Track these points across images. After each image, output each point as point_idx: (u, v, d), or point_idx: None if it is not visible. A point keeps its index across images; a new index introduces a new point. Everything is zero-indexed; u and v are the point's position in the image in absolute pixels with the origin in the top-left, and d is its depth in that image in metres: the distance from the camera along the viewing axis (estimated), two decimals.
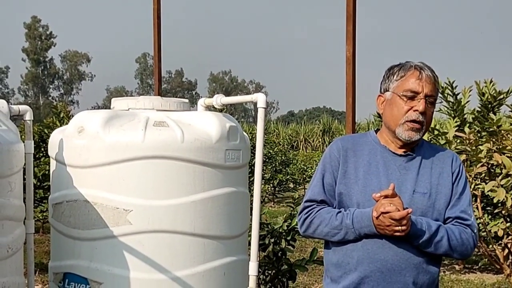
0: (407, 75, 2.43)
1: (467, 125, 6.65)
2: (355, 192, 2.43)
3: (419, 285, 2.39)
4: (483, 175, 6.06)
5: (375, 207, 2.29)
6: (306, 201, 2.52)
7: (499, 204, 5.94)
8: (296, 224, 3.00)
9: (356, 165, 2.47)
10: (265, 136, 3.29)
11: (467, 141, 5.73)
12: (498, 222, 6.28)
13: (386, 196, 2.28)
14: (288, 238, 4.85)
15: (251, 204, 3.26)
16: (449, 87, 6.95)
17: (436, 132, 6.26)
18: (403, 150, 2.49)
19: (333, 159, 2.50)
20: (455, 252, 2.41)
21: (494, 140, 5.62)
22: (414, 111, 2.39)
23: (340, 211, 2.42)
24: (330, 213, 2.43)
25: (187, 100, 3.54)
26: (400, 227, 2.26)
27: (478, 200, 5.95)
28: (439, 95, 7.02)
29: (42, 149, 8.73)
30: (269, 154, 15.83)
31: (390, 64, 2.53)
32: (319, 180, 2.51)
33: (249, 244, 3.29)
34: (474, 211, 6.17)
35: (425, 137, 6.18)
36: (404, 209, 2.26)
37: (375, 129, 2.62)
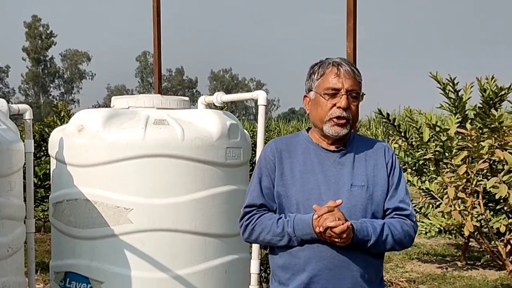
0: (326, 73, 2.44)
1: (469, 121, 6.63)
2: (293, 193, 2.43)
3: (366, 278, 2.40)
4: (485, 171, 6.04)
5: (317, 222, 2.29)
6: (246, 207, 2.50)
7: (501, 200, 5.92)
8: None
9: (291, 166, 2.47)
10: (266, 133, 3.28)
11: (469, 138, 5.71)
12: (500, 218, 6.26)
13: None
14: None
15: None
16: (450, 84, 6.92)
17: (437, 129, 6.24)
18: (336, 146, 2.49)
19: (268, 162, 2.50)
20: (398, 245, 2.45)
21: (495, 136, 5.60)
22: (338, 108, 2.40)
23: (280, 217, 2.42)
24: (271, 220, 2.43)
25: (187, 98, 3.53)
26: (339, 240, 2.27)
27: (480, 196, 5.93)
28: (441, 91, 7.03)
29: (43, 148, 8.71)
30: None
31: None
32: (256, 184, 2.50)
33: None
34: (475, 207, 6.17)
35: (427, 133, 6.20)
36: (345, 219, 2.27)
37: (307, 128, 2.62)
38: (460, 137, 6.08)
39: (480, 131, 6.13)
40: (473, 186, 5.78)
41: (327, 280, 2.38)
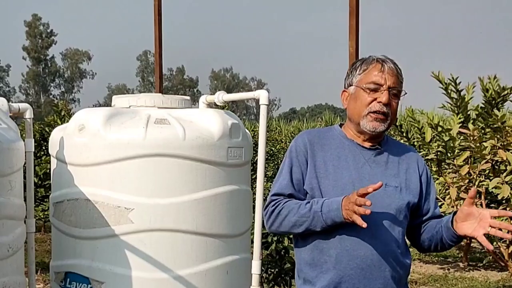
0: (369, 68, 2.42)
1: (471, 121, 6.61)
2: (325, 187, 2.39)
3: (397, 278, 2.38)
4: (487, 171, 6.03)
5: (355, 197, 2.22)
6: (273, 195, 2.43)
7: (503, 201, 5.90)
8: None
9: (325, 159, 2.42)
10: (267, 133, 3.25)
11: (471, 138, 5.69)
12: (503, 219, 6.24)
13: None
14: (291, 236, 4.82)
15: (254, 202, 3.22)
16: (453, 83, 6.91)
17: (439, 129, 6.22)
18: (370, 144, 2.46)
19: (299, 154, 2.44)
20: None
21: (498, 136, 5.58)
22: (378, 102, 2.37)
23: (309, 202, 2.36)
24: (298, 203, 2.37)
25: (188, 97, 3.50)
26: (357, 208, 2.17)
27: (482, 197, 5.91)
28: (443, 91, 7.01)
29: (43, 148, 8.71)
30: (271, 152, 15.80)
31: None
32: (287, 174, 2.44)
33: (252, 242, 3.26)
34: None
35: (429, 133, 6.18)
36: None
37: (339, 123, 2.59)
38: (462, 137, 6.07)
39: (483, 131, 6.11)
40: (475, 186, 5.76)
41: (359, 280, 2.33)
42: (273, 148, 16.10)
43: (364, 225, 2.17)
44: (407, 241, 2.53)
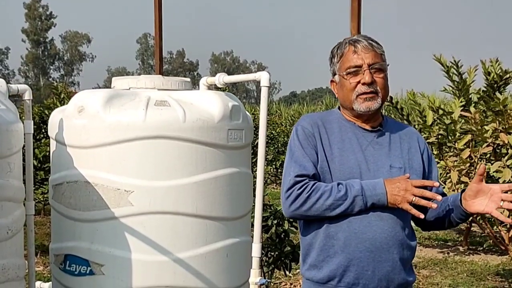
0: (344, 53, 2.42)
1: (473, 104, 6.58)
2: (332, 170, 2.38)
3: (404, 260, 2.38)
4: (489, 155, 6.01)
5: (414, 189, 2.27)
6: (297, 176, 2.36)
7: None
8: None
9: (330, 142, 2.42)
10: (268, 116, 3.23)
11: (473, 121, 5.66)
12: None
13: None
14: (292, 220, 4.82)
15: (254, 185, 3.21)
16: (454, 66, 6.87)
17: (441, 112, 6.19)
18: (371, 125, 2.47)
19: (309, 136, 2.43)
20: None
21: (500, 120, 5.55)
22: (362, 84, 2.37)
23: (340, 184, 2.32)
24: (328, 186, 2.32)
25: (188, 79, 3.47)
26: (413, 197, 2.24)
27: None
28: (444, 74, 6.97)
29: (43, 130, 8.69)
30: (272, 135, 15.81)
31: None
32: (304, 156, 2.39)
33: (252, 225, 3.25)
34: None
35: (431, 116, 6.14)
36: None
37: (338, 106, 2.58)
38: (463, 121, 6.04)
39: (484, 114, 6.08)
40: (476, 170, 5.73)
41: (367, 262, 2.32)
42: (273, 132, 16.10)
43: (421, 216, 2.27)
44: (412, 223, 2.52)
